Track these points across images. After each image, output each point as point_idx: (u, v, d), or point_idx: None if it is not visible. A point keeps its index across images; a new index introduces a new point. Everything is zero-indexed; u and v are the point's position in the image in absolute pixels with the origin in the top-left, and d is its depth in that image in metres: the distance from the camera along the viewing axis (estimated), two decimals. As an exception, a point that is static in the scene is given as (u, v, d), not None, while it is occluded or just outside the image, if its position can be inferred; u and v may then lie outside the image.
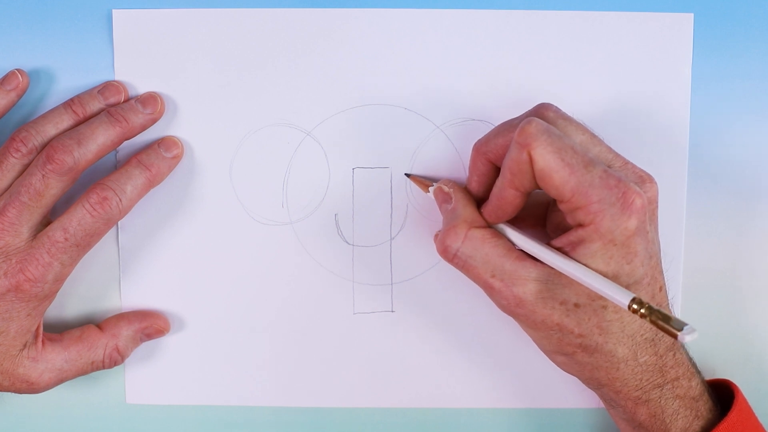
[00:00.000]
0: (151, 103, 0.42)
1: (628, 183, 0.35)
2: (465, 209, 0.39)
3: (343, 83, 0.44)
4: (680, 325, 0.32)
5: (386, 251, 0.45)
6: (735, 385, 0.40)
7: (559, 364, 0.39)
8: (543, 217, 0.41)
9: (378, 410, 0.46)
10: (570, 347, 0.37)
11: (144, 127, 0.42)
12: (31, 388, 0.41)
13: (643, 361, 0.37)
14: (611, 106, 0.43)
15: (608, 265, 0.35)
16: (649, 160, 0.44)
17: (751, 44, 0.43)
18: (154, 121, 0.43)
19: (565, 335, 0.37)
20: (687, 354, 0.39)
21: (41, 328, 0.41)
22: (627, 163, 0.37)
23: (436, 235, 0.41)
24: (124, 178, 0.41)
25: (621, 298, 0.34)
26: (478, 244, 0.37)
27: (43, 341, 0.41)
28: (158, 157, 0.42)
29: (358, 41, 0.43)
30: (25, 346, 0.41)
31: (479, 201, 0.40)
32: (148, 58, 0.43)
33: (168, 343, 0.45)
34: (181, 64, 0.43)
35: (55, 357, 0.41)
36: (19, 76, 0.42)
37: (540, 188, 0.36)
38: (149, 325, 0.44)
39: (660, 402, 0.38)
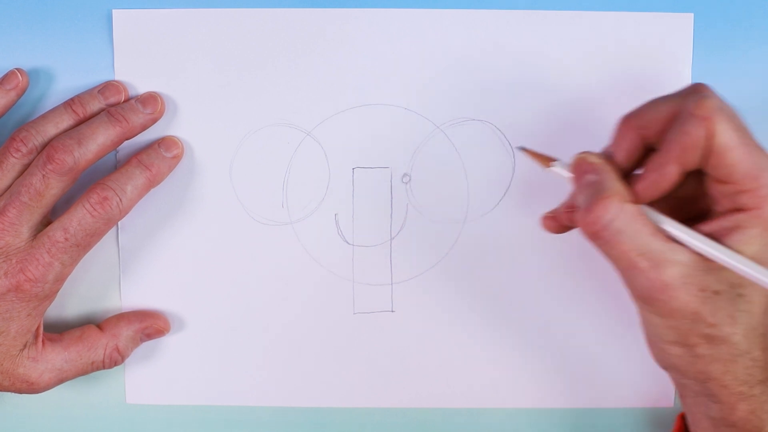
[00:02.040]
0: (152, 103, 0.42)
1: None
2: (615, 182, 0.36)
3: (343, 83, 0.44)
4: None
5: (386, 251, 0.45)
6: None
7: (667, 356, 0.37)
8: (658, 201, 0.39)
9: (378, 410, 0.46)
10: (696, 338, 0.36)
11: (144, 127, 0.42)
12: (31, 388, 0.41)
13: (755, 356, 0.36)
14: (611, 106, 0.43)
15: (763, 253, 0.34)
16: (649, 160, 0.44)
17: (751, 44, 0.43)
18: (154, 120, 0.43)
19: (696, 324, 0.35)
20: None
21: (41, 328, 0.41)
22: None
23: (568, 209, 0.39)
24: (124, 178, 0.41)
25: None
26: (630, 220, 0.35)
27: (43, 341, 0.41)
28: (158, 157, 0.42)
29: (358, 41, 0.43)
30: (25, 346, 0.41)
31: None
32: (148, 58, 0.43)
33: (168, 343, 0.45)
34: (181, 64, 0.43)
35: (55, 357, 0.41)
36: (19, 75, 0.42)
37: (705, 167, 0.35)
38: (149, 325, 0.44)
39: (761, 398, 0.37)
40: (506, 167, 0.44)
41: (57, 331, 0.43)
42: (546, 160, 0.39)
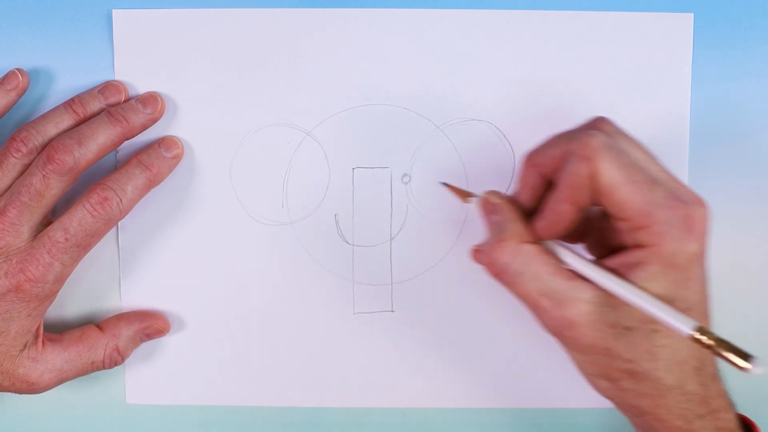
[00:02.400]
0: (152, 103, 0.42)
1: (690, 204, 0.33)
2: (515, 223, 0.37)
3: (343, 83, 0.44)
4: (747, 356, 0.31)
5: (386, 251, 0.45)
6: (753, 422, 0.39)
7: (599, 389, 0.37)
8: (582, 233, 0.39)
9: (378, 410, 0.46)
10: (616, 372, 0.35)
11: (144, 127, 0.42)
12: (31, 388, 0.41)
13: (689, 390, 0.35)
14: (611, 106, 0.43)
15: (666, 289, 0.34)
16: (649, 160, 0.44)
17: (751, 44, 0.43)
18: (154, 120, 0.43)
19: (612, 360, 0.35)
20: (725, 386, 0.38)
21: (41, 329, 0.41)
22: (682, 185, 0.36)
23: (477, 249, 0.39)
24: (124, 178, 0.41)
25: (682, 325, 0.32)
26: (528, 260, 0.35)
27: (43, 341, 0.41)
28: (158, 157, 0.42)
29: (358, 41, 0.43)
30: (25, 346, 0.41)
31: (527, 214, 0.38)
32: (148, 58, 0.43)
33: (168, 343, 0.45)
34: (181, 64, 0.43)
35: (56, 357, 0.41)
36: (19, 75, 0.42)
37: (599, 204, 0.35)
38: (149, 325, 0.44)
39: None
40: (506, 167, 0.44)
41: (57, 331, 0.43)
42: (464, 195, 0.40)
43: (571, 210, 0.35)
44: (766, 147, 0.44)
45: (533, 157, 0.37)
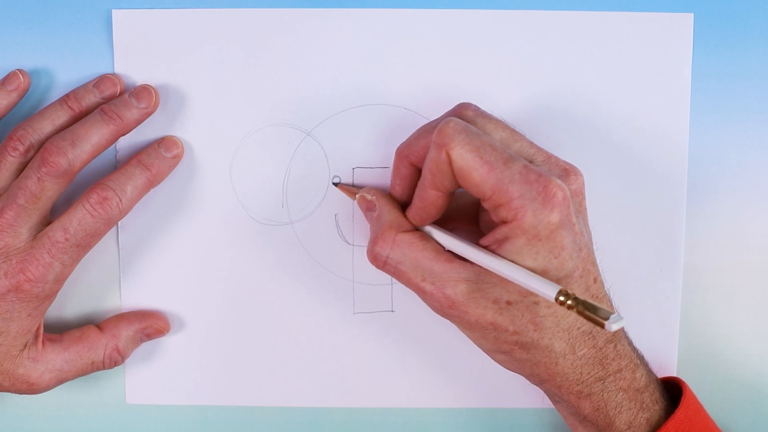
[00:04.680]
0: (145, 97, 0.42)
1: (549, 176, 0.35)
2: (390, 214, 0.39)
3: (343, 83, 0.44)
4: (607, 314, 0.32)
5: (386, 251, 0.45)
6: (683, 381, 0.40)
7: (500, 363, 0.39)
8: (475, 216, 0.41)
9: (378, 410, 0.46)
10: (507, 345, 0.37)
11: (139, 122, 0.42)
12: (31, 388, 0.41)
13: (581, 355, 0.37)
14: (611, 106, 0.43)
15: (536, 261, 0.35)
16: (649, 160, 0.44)
17: (751, 44, 0.43)
18: (148, 114, 0.42)
19: (500, 333, 0.37)
20: (630, 345, 0.39)
21: (42, 329, 0.41)
22: (550, 156, 0.37)
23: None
24: (124, 178, 0.41)
25: (547, 291, 0.34)
26: (406, 249, 0.37)
27: (43, 342, 0.41)
28: (158, 157, 0.42)
29: (358, 41, 0.43)
30: (25, 346, 0.41)
31: (404, 205, 0.40)
32: (147, 58, 0.43)
33: (168, 343, 0.45)
34: (180, 63, 0.43)
35: (56, 357, 0.41)
36: (21, 76, 0.42)
37: (461, 187, 0.36)
38: (149, 325, 0.44)
39: (603, 395, 0.38)
40: (506, 167, 0.44)
41: (57, 331, 0.43)
42: (353, 194, 0.42)
43: (437, 195, 0.37)
44: (766, 147, 0.44)
45: (403, 150, 0.39)
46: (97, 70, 0.43)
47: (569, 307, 0.33)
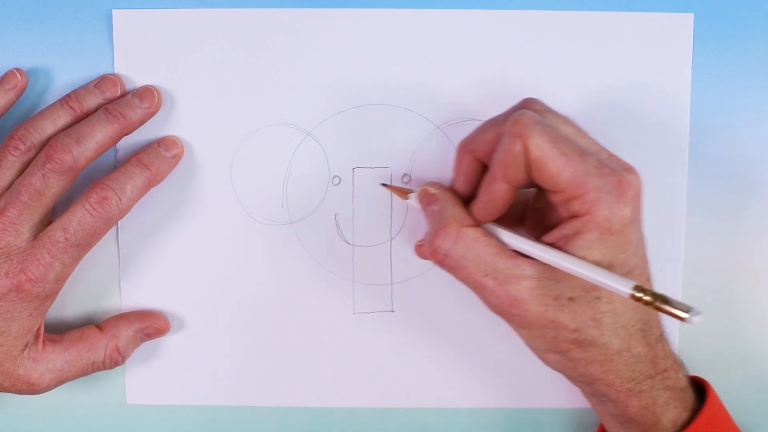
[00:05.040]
0: (148, 97, 0.42)
1: (621, 172, 0.35)
2: (454, 209, 0.38)
3: (343, 83, 0.44)
4: (687, 308, 0.32)
5: (386, 251, 0.45)
6: (707, 382, 0.40)
7: (549, 363, 0.39)
8: (521, 217, 0.41)
9: (378, 410, 0.46)
10: (564, 344, 0.37)
11: (142, 122, 0.42)
12: (32, 389, 0.41)
13: (636, 353, 0.37)
14: (611, 106, 0.43)
15: (604, 255, 0.35)
16: (650, 160, 0.44)
17: (751, 44, 0.43)
18: (151, 115, 0.42)
19: (559, 332, 0.36)
20: (671, 346, 0.39)
21: (42, 329, 0.41)
22: (612, 155, 0.37)
23: (419, 244, 0.41)
24: (123, 178, 0.41)
25: (622, 287, 0.33)
26: (470, 243, 0.37)
27: (43, 342, 0.41)
28: (158, 157, 0.42)
29: (358, 41, 0.43)
30: (26, 346, 0.41)
31: (466, 201, 0.39)
32: (148, 58, 0.43)
33: (168, 343, 0.45)
34: (180, 63, 0.43)
35: (56, 358, 0.41)
36: (18, 75, 0.42)
37: (533, 179, 0.36)
38: (149, 325, 0.44)
39: (651, 393, 0.38)
40: (506, 167, 0.44)
41: (57, 331, 0.43)
42: (404, 193, 0.42)
43: (505, 188, 0.36)
44: (766, 146, 0.44)
45: (467, 144, 0.39)
46: (97, 70, 0.43)
47: (646, 303, 0.33)
